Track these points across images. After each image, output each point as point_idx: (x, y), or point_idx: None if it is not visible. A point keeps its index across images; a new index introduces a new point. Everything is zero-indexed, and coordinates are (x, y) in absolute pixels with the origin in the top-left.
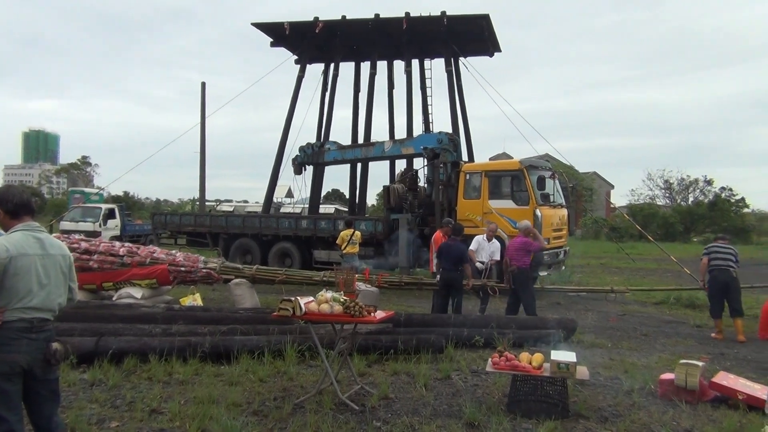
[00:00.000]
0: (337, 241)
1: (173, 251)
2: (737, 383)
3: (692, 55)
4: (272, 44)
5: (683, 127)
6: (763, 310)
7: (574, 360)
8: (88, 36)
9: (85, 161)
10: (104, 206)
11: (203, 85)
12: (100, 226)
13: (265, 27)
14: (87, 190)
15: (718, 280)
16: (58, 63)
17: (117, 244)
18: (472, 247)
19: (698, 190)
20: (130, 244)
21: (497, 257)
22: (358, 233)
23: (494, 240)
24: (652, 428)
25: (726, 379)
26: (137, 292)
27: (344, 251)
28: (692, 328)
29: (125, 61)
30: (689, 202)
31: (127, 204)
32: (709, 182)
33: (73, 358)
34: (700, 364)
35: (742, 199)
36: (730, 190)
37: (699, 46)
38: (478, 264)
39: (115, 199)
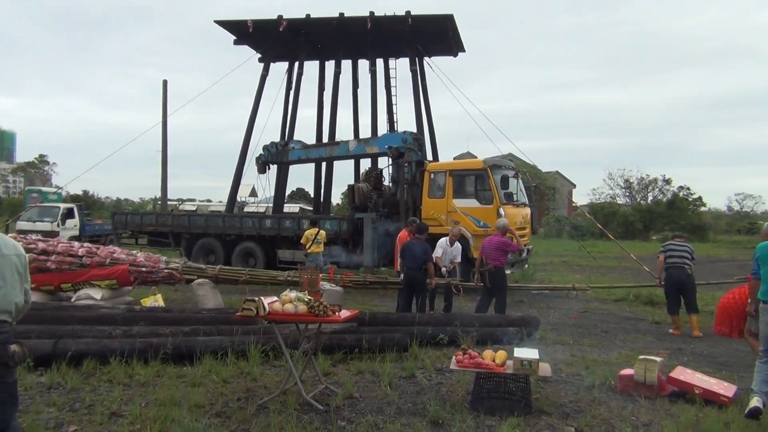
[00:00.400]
0: (301, 240)
1: (134, 251)
2: (694, 378)
3: (651, 58)
4: (235, 42)
5: (643, 128)
6: (718, 306)
7: (537, 357)
8: (45, 32)
9: (42, 160)
10: (62, 206)
11: (165, 82)
12: (58, 226)
13: (228, 25)
14: (44, 189)
15: (674, 277)
16: (13, 60)
17: (76, 244)
18: (437, 253)
19: (657, 189)
20: (90, 245)
21: (458, 260)
22: (322, 232)
23: (457, 243)
24: (612, 423)
25: (683, 374)
26: (97, 293)
27: (309, 250)
28: (651, 325)
29: (84, 58)
30: (648, 201)
31: (86, 203)
32: (667, 181)
33: (29, 360)
34: (659, 359)
35: (699, 198)
36: (688, 189)
37: (657, 49)
38: (443, 270)
39: (73, 199)
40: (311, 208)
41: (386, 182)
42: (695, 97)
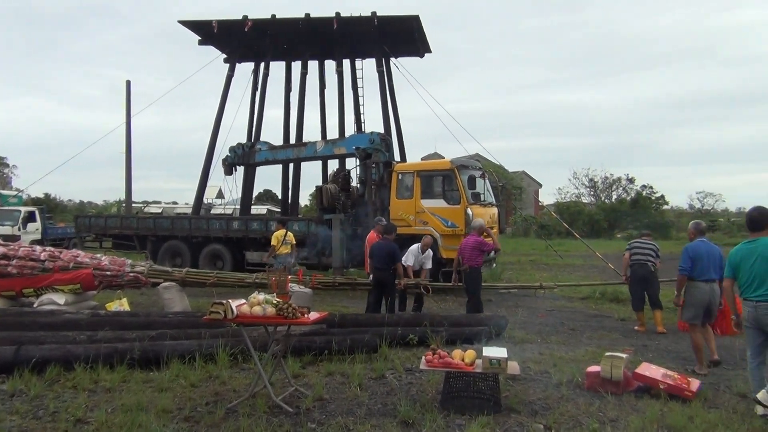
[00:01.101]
0: (272, 242)
1: (98, 255)
2: (659, 373)
3: (614, 59)
4: (200, 42)
5: (606, 128)
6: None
7: (506, 356)
8: (3, 32)
9: (2, 162)
10: (23, 209)
11: (128, 83)
12: (19, 229)
13: (192, 25)
14: (4, 192)
15: (638, 274)
16: None
17: (38, 248)
18: (408, 261)
19: (621, 188)
20: (52, 249)
21: (429, 266)
22: (290, 234)
23: (428, 250)
24: (580, 420)
25: (648, 369)
26: (60, 298)
27: (277, 252)
28: (617, 322)
29: (45, 58)
30: (613, 200)
31: (48, 206)
32: (631, 180)
33: None
34: (624, 356)
35: (662, 196)
36: (651, 187)
37: (620, 50)
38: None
39: (35, 202)
40: (279, 210)
41: (354, 183)
42: (658, 97)
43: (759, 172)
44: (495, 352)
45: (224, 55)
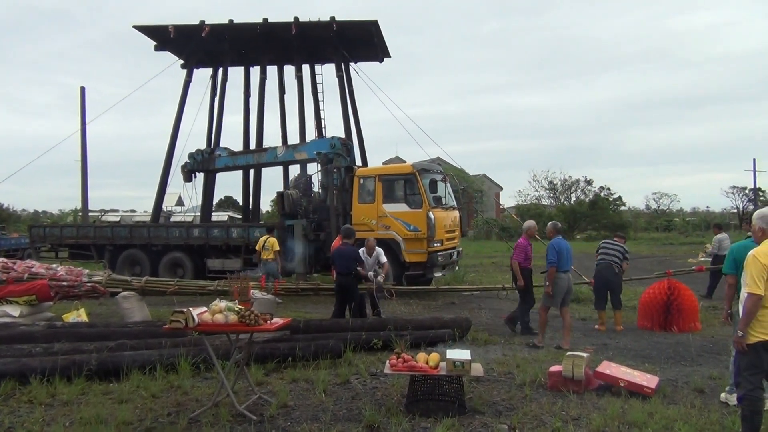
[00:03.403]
0: (257, 247)
1: (54, 265)
2: (619, 371)
3: (573, 61)
4: (156, 48)
5: (565, 130)
6: (640, 301)
7: (469, 358)
8: None
9: None
10: None
11: (83, 89)
12: None
13: (148, 30)
14: None
15: (601, 274)
16: None
17: None
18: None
19: (579, 190)
20: (5, 259)
21: (383, 259)
22: (272, 239)
23: (375, 249)
24: (543, 419)
25: (609, 368)
26: (14, 310)
27: (261, 257)
28: (577, 321)
29: None
30: (572, 202)
31: (1, 217)
32: (589, 182)
33: None
34: (585, 355)
35: (620, 197)
36: (609, 189)
37: (579, 53)
38: (370, 275)
39: None
40: (240, 217)
41: (316, 188)
42: (615, 99)
43: (712, 172)
44: (458, 354)
45: (181, 61)
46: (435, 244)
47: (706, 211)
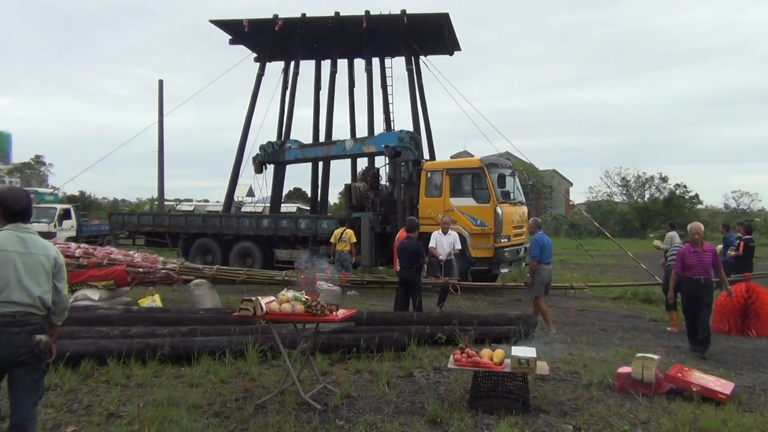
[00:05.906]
0: (331, 239)
1: (131, 252)
2: (691, 376)
3: (646, 55)
4: (231, 42)
5: (638, 126)
6: (716, 304)
7: (534, 355)
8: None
9: (38, 160)
10: (59, 206)
11: (161, 82)
12: (54, 227)
13: (223, 24)
14: (41, 190)
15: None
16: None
17: (72, 245)
18: (431, 244)
19: (654, 187)
20: (87, 245)
21: (458, 246)
22: (349, 231)
23: (450, 232)
24: (610, 421)
25: (681, 371)
26: (94, 294)
27: (336, 249)
28: (648, 323)
29: (79, 58)
30: (645, 199)
31: (83, 204)
32: (664, 179)
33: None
34: (656, 357)
35: (696, 195)
36: (685, 186)
37: (652, 46)
38: (441, 258)
39: (70, 199)
40: (308, 208)
41: (383, 181)
42: (691, 94)
43: None
44: (524, 351)
45: (255, 54)
46: (502, 240)
47: None
